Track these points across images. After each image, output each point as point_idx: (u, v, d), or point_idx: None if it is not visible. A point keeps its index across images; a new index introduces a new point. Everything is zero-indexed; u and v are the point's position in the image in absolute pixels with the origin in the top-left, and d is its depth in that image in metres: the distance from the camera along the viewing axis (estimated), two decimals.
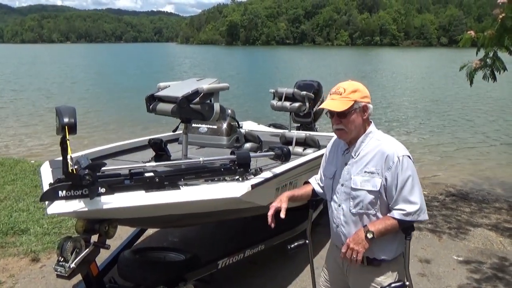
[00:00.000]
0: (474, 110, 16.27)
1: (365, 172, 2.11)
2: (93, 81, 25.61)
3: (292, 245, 2.46)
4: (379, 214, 2.11)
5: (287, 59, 54.55)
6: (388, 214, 2.09)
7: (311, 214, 2.62)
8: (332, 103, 2.11)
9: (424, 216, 2.07)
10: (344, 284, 2.33)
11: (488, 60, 5.87)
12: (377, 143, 2.14)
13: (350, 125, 2.12)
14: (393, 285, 2.08)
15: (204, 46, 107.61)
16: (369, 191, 2.09)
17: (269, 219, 2.26)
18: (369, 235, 2.03)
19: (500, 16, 5.18)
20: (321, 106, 2.22)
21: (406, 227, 2.10)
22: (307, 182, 2.51)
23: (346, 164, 2.20)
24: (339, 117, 2.12)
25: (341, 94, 2.11)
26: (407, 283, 2.10)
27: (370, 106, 2.15)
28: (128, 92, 20.03)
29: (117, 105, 16.84)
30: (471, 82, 6.05)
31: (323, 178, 2.41)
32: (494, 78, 5.88)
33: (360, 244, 2.04)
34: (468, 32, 5.97)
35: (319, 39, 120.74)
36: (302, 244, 2.49)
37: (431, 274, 4.17)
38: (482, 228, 5.42)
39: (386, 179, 2.06)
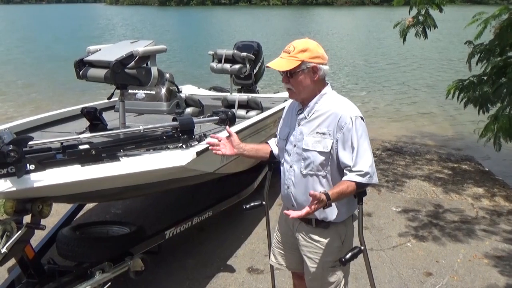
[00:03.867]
0: (407, 68, 16.97)
1: (317, 133, 2.08)
2: (19, 47, 23.36)
3: (248, 205, 2.45)
4: (329, 176, 2.09)
5: (224, 19, 53.27)
6: (344, 178, 2.02)
7: (269, 176, 2.59)
8: (277, 61, 2.06)
9: (376, 179, 2.05)
10: (294, 246, 2.34)
11: (420, 17, 6.04)
12: (330, 104, 2.09)
13: (298, 85, 2.07)
14: (350, 253, 2.09)
15: (135, 7, 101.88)
16: (320, 152, 2.06)
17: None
18: (329, 205, 1.91)
19: None
20: (266, 65, 2.15)
21: (359, 192, 2.08)
22: (266, 143, 2.46)
23: (299, 124, 2.16)
24: (287, 76, 2.07)
25: (289, 53, 2.04)
26: (362, 247, 2.13)
27: (323, 67, 2.06)
28: (59, 58, 18.51)
29: (45, 73, 15.54)
30: (404, 40, 6.24)
31: (279, 139, 2.36)
32: (426, 36, 6.09)
33: (318, 204, 1.86)
34: None
35: None
36: (258, 205, 2.48)
37: (373, 226, 4.37)
38: (417, 179, 5.75)
39: (337, 140, 2.03)
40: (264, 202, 2.52)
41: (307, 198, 1.99)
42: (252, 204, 2.45)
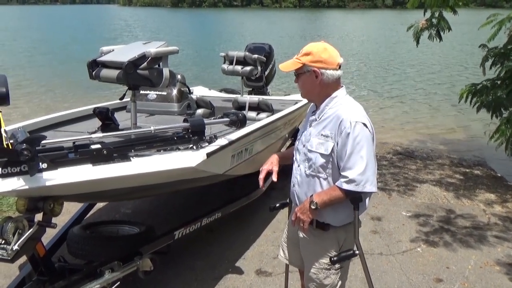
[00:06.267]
0: (421, 72, 16.82)
1: (322, 135, 2.11)
2: (36, 48, 23.64)
3: (276, 205, 2.50)
4: (330, 179, 2.11)
5: (236, 21, 53.42)
6: (335, 183, 2.06)
7: None
8: (286, 62, 2.18)
9: (371, 188, 2.01)
10: (298, 243, 2.37)
11: (434, 20, 5.98)
12: (337, 108, 2.11)
13: (302, 87, 2.18)
14: (343, 254, 2.13)
15: (147, 8, 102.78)
16: (322, 155, 2.09)
17: (260, 182, 2.29)
18: (313, 206, 2.07)
19: None
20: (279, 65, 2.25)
21: (354, 198, 2.07)
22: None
23: (310, 125, 2.21)
24: (296, 77, 2.18)
25: (297, 55, 2.14)
26: (357, 252, 2.14)
27: (326, 72, 2.09)
28: (72, 59, 18.71)
29: (62, 74, 15.72)
30: (418, 42, 6.18)
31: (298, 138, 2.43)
32: (440, 38, 6.02)
33: (305, 214, 2.11)
34: None
35: (267, 1, 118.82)
36: (285, 204, 2.52)
37: (383, 230, 4.33)
38: (428, 184, 5.69)
39: (337, 144, 2.05)
40: (288, 201, 2.55)
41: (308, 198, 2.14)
42: (279, 203, 2.50)
